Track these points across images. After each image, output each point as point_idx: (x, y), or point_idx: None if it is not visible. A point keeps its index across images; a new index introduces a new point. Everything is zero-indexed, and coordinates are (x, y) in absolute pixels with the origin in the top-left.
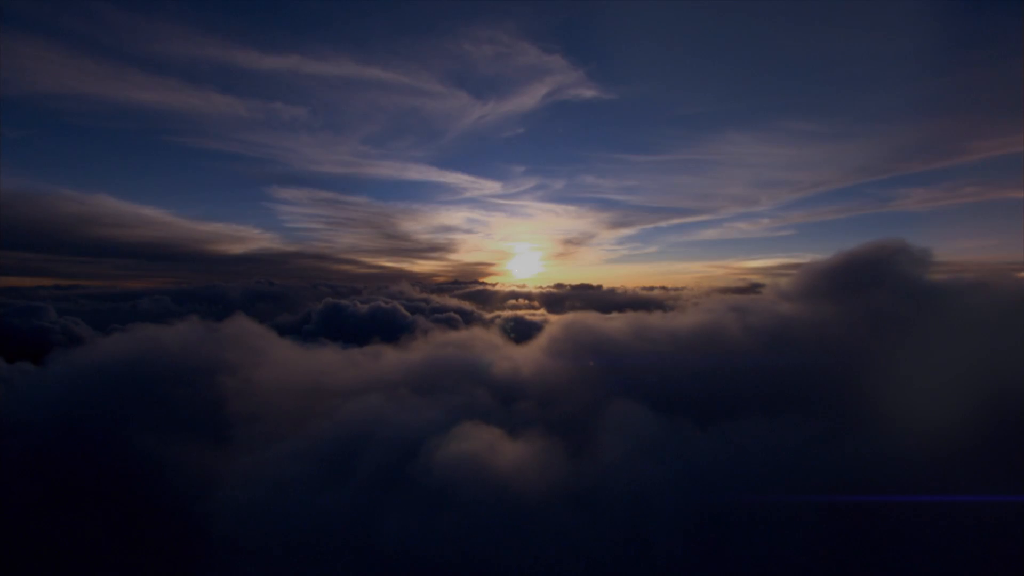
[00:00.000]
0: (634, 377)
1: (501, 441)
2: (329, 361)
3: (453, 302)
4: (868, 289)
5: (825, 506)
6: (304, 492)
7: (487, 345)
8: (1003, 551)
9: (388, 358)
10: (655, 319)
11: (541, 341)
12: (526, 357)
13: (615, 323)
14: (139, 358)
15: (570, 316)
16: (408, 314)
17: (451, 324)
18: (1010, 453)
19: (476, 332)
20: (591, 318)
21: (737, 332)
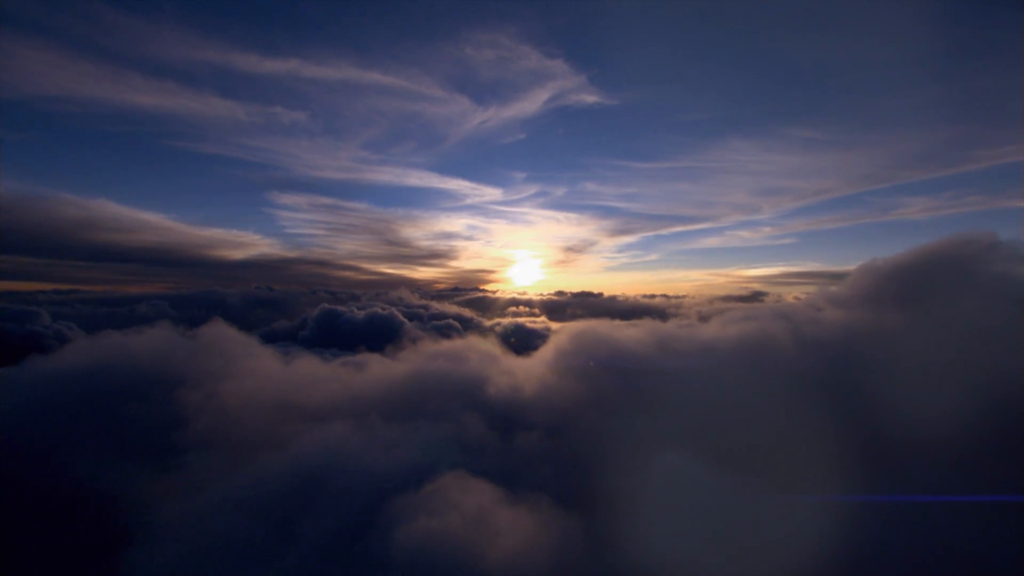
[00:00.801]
0: (668, 404)
1: (495, 505)
2: (306, 374)
3: (453, 309)
4: (953, 293)
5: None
6: (233, 557)
7: (484, 356)
8: None
9: (373, 371)
10: (677, 328)
11: (546, 353)
12: (529, 372)
13: (632, 332)
14: (98, 368)
15: (580, 324)
16: (406, 320)
17: (449, 332)
18: None
19: (473, 341)
20: (604, 326)
21: (791, 346)
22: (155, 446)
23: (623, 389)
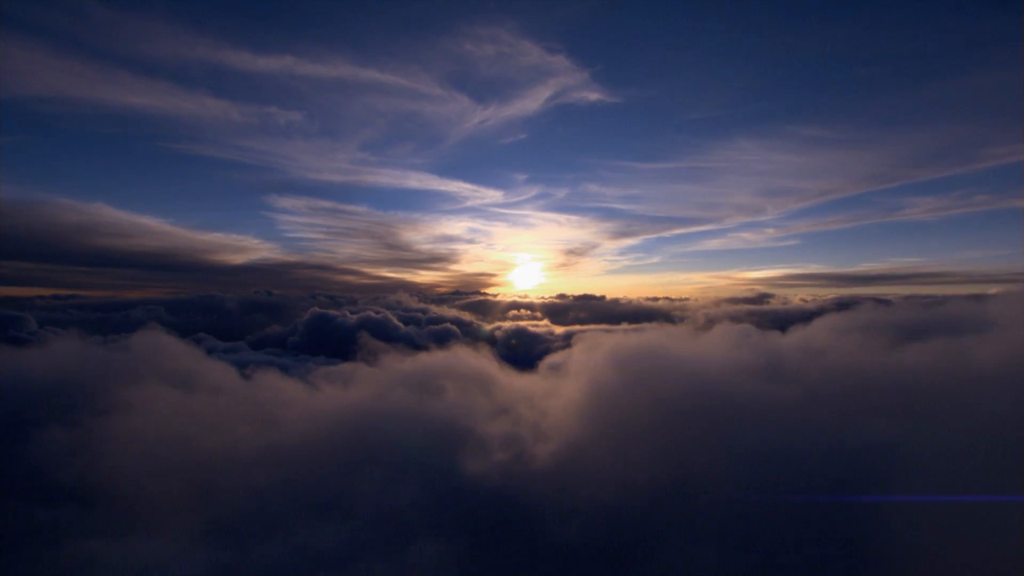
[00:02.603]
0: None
1: None
2: (229, 406)
3: (452, 313)
4: None
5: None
6: None
7: (477, 378)
8: None
9: (322, 400)
10: (773, 341)
11: (575, 386)
12: (545, 417)
13: (709, 349)
14: None
15: (629, 340)
16: (400, 325)
17: (446, 337)
18: None
19: (466, 355)
20: (668, 337)
21: None
22: None
23: (753, 473)
